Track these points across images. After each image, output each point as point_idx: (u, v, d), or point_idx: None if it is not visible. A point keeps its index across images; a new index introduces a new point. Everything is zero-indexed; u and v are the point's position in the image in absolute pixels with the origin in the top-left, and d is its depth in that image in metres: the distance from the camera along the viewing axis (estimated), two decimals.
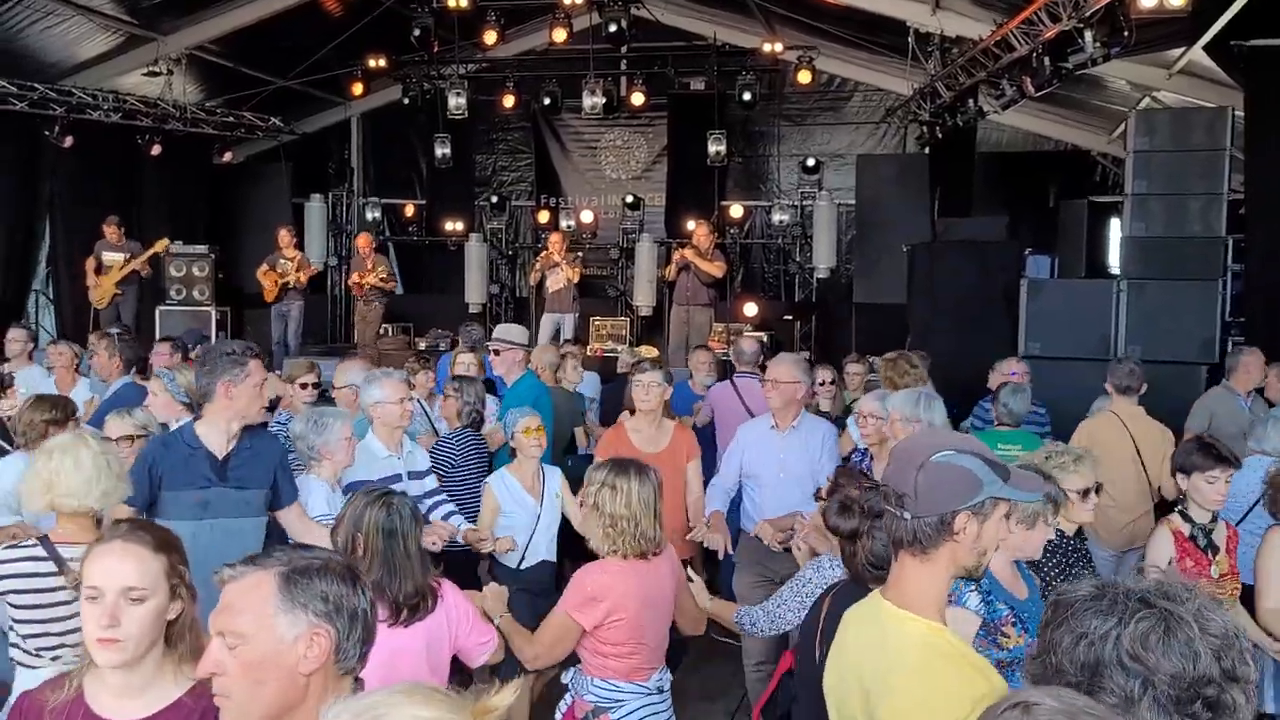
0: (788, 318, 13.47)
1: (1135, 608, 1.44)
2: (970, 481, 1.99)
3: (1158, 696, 1.38)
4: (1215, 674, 1.38)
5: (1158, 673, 1.39)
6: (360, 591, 1.77)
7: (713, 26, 14.11)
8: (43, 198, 12.70)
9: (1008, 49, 8.95)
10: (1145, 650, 1.40)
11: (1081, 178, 13.35)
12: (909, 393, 4.58)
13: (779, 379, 4.92)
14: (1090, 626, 1.44)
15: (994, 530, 2.03)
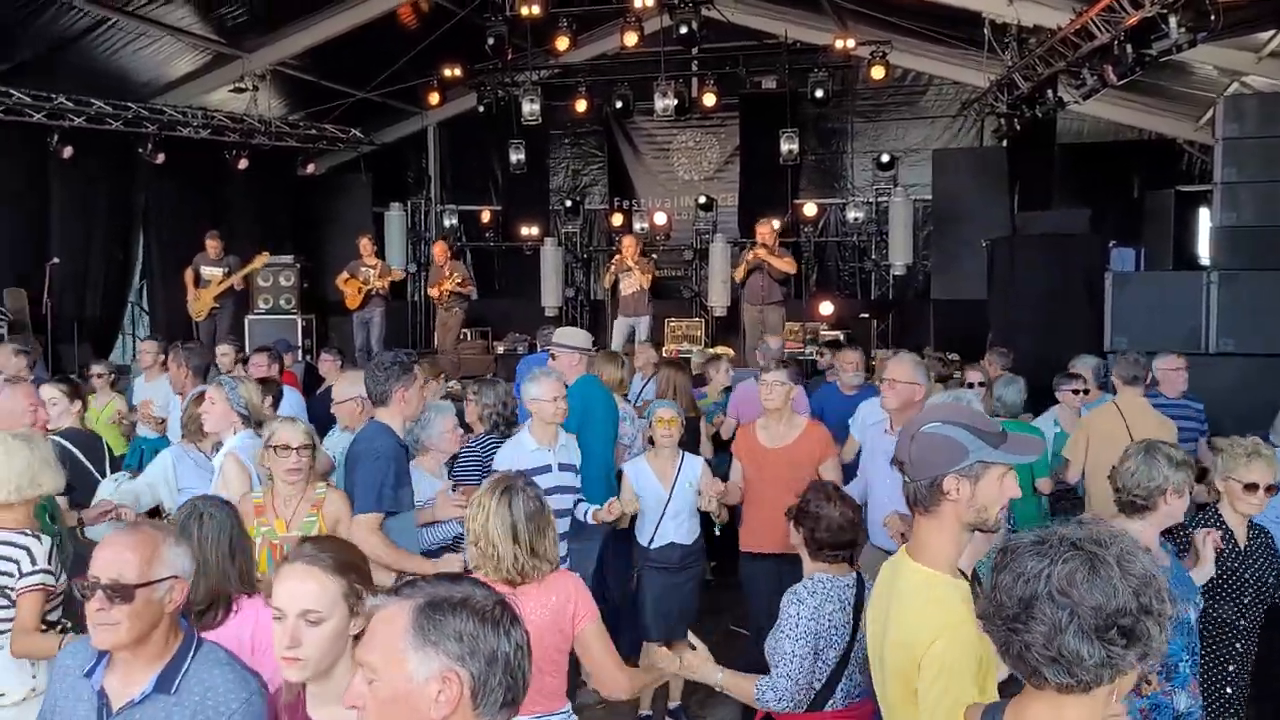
0: (864, 316, 13.38)
1: (1066, 550, 1.66)
2: (954, 448, 2.29)
3: (1081, 626, 1.61)
4: (1132, 607, 1.61)
5: (1081, 605, 1.62)
6: (504, 632, 1.60)
7: (784, 25, 14.06)
8: (137, 213, 13.21)
9: (1088, 37, 8.77)
10: (1071, 586, 1.63)
11: (1167, 167, 13.00)
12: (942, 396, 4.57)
13: (897, 378, 4.65)
14: (1027, 567, 1.68)
15: (990, 489, 2.29)
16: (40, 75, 11.32)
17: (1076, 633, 1.61)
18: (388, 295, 12.09)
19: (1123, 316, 8.19)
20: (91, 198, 12.44)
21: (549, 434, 4.83)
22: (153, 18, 11.21)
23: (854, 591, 3.44)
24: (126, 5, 10.80)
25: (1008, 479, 2.34)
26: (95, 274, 12.52)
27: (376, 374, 4.37)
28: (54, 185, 12.05)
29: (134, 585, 2.26)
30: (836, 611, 3.34)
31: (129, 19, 11.02)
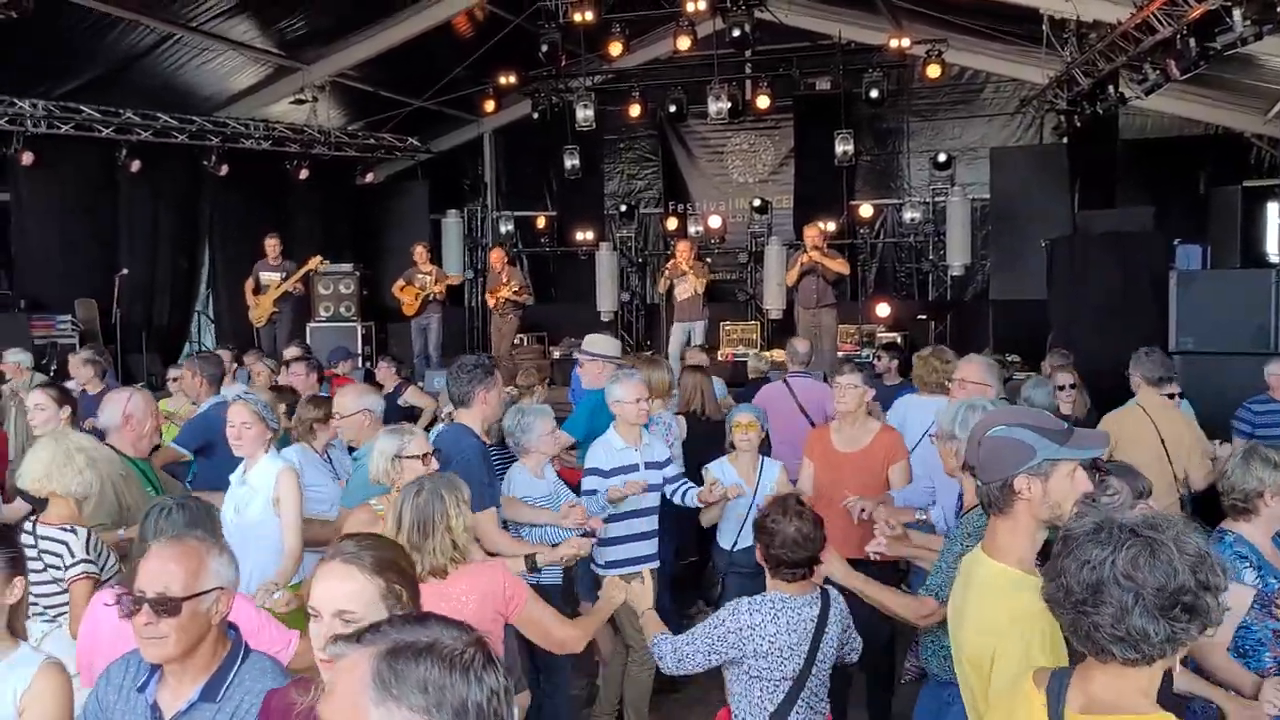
0: (922, 317, 13.23)
1: (1126, 537, 1.79)
2: (1022, 449, 2.38)
3: (1146, 606, 1.74)
4: (1191, 584, 1.74)
5: (1145, 587, 1.74)
6: (475, 679, 1.40)
7: (837, 25, 13.96)
8: (202, 224, 13.55)
9: (1149, 31, 8.60)
10: (1135, 570, 1.75)
11: (1234, 162, 12.67)
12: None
13: (967, 379, 4.57)
14: (1091, 554, 1.80)
15: (1061, 486, 2.37)
16: (108, 91, 11.67)
17: (1143, 613, 1.74)
18: (444, 301, 12.24)
19: (1188, 316, 8.04)
20: (158, 210, 12.79)
21: (634, 434, 4.99)
22: (216, 33, 11.48)
23: (814, 611, 3.29)
24: (190, 21, 11.07)
25: (1079, 474, 2.41)
26: (162, 284, 12.87)
27: (460, 376, 4.51)
28: (122, 198, 12.42)
29: (180, 598, 2.26)
30: (782, 634, 3.19)
31: (193, 34, 11.29)
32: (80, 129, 11.60)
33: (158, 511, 3.07)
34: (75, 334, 11.01)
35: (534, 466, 4.85)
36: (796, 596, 3.27)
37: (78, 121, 11.53)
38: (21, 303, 11.28)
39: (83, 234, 12.01)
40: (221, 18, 11.22)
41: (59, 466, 3.67)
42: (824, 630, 3.26)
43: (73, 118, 11.47)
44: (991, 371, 4.60)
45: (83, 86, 11.57)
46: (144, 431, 4.53)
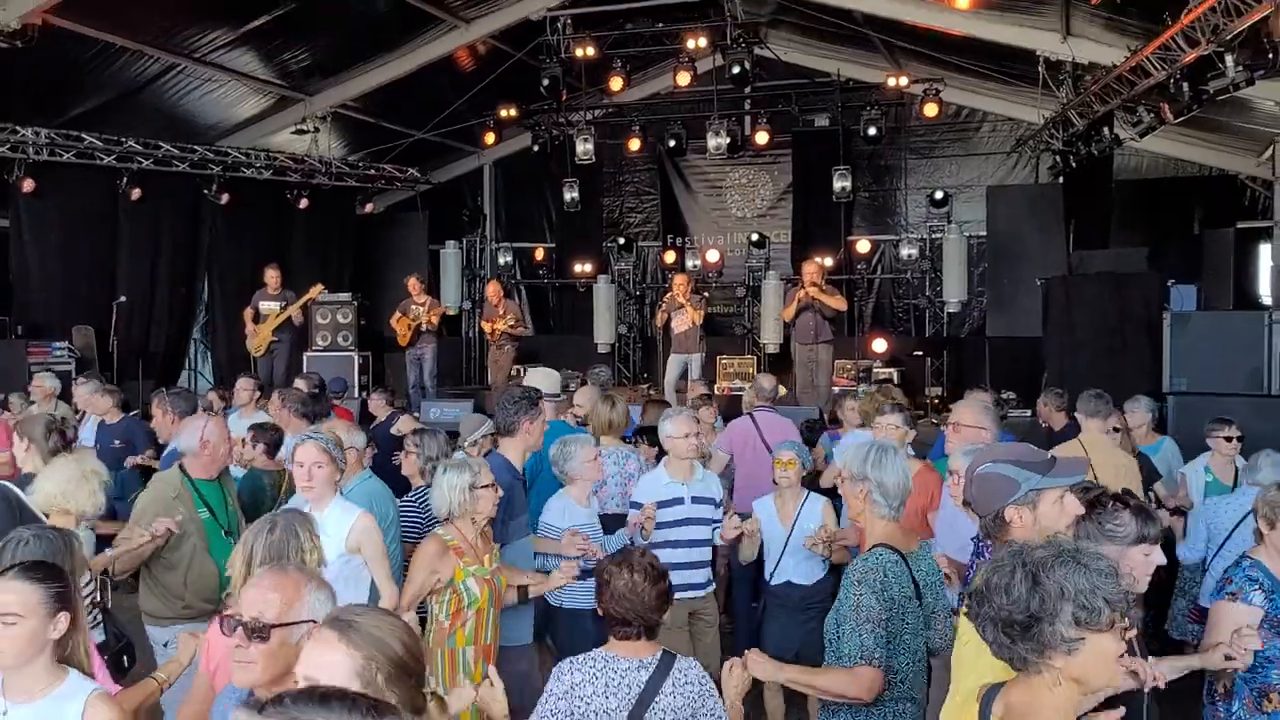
0: (918, 353, 13.25)
1: (1016, 565, 2.06)
2: (1007, 483, 2.63)
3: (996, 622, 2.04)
4: (1024, 616, 2.01)
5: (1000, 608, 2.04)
6: None
7: (836, 63, 14.12)
8: (201, 252, 13.58)
9: (1143, 75, 8.68)
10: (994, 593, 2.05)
11: (1228, 203, 12.74)
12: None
13: (961, 422, 4.40)
14: (989, 576, 2.09)
15: (1050, 512, 2.62)
16: (110, 120, 11.75)
17: (993, 628, 2.05)
18: (438, 331, 12.25)
19: (1182, 357, 8.07)
20: (158, 238, 12.85)
21: (684, 469, 5.11)
22: (220, 63, 11.58)
23: (642, 676, 2.93)
24: (195, 52, 11.17)
25: (1067, 500, 2.64)
26: (160, 312, 12.89)
27: (506, 406, 4.67)
28: (122, 226, 12.48)
29: (270, 625, 2.29)
30: (599, 696, 2.90)
31: (197, 65, 11.40)
32: (82, 157, 11.67)
33: (14, 543, 3.12)
34: (71, 361, 11.01)
35: (578, 495, 4.96)
36: (625, 658, 2.97)
37: (79, 149, 11.60)
38: (19, 329, 11.29)
39: (82, 261, 12.05)
40: (225, 49, 11.33)
41: (75, 486, 3.91)
42: (653, 698, 2.91)
43: (75, 145, 11.55)
44: (988, 414, 4.47)
45: (85, 115, 11.66)
46: (218, 456, 4.73)
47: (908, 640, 3.11)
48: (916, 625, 3.16)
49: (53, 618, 2.67)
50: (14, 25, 9.04)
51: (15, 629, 2.60)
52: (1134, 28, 9.21)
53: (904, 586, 3.10)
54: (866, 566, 3.10)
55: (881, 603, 3.02)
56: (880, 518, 3.22)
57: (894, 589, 3.06)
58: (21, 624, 2.61)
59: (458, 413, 10.38)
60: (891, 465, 3.21)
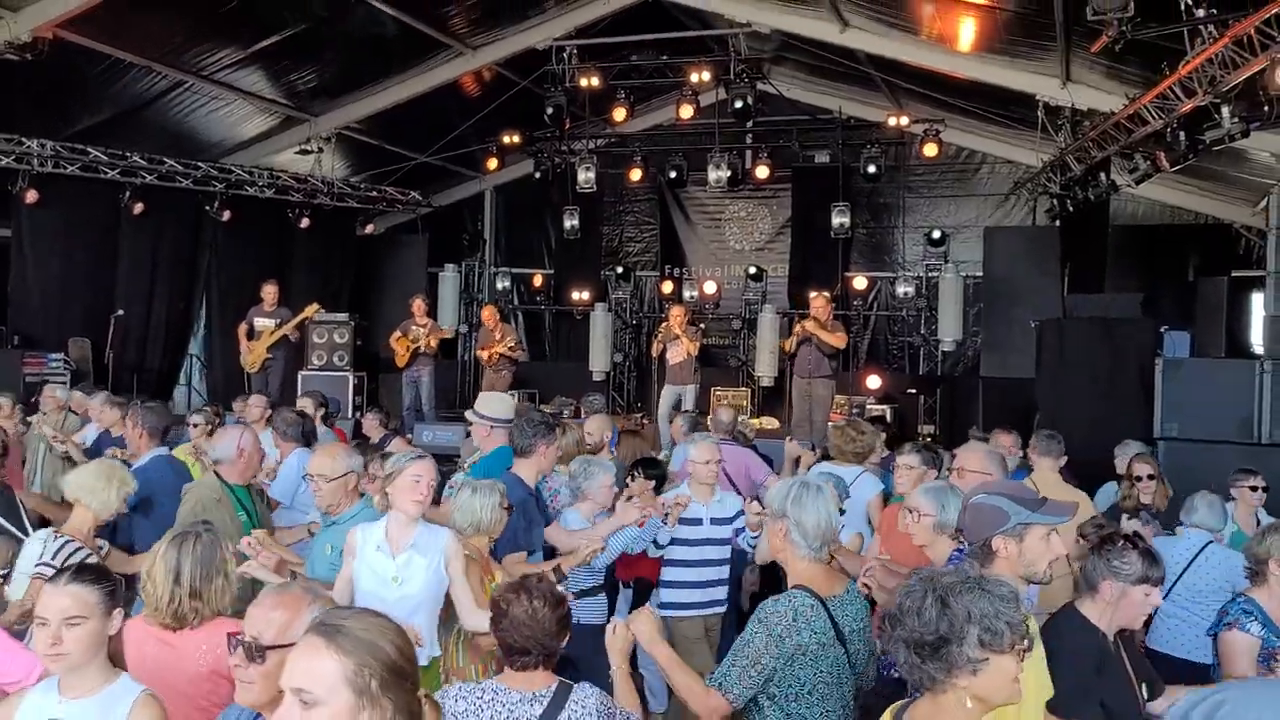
0: (911, 391, 13.30)
1: (926, 590, 2.19)
2: (998, 514, 2.79)
3: (907, 643, 2.15)
4: (934, 637, 2.13)
5: (911, 629, 2.16)
6: None
7: (838, 100, 14.25)
8: (200, 269, 13.61)
9: (1141, 123, 8.79)
10: (905, 616, 2.17)
11: (1222, 252, 12.85)
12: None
13: (966, 467, 4.34)
14: (901, 599, 2.23)
15: (1035, 546, 2.76)
16: (116, 134, 11.82)
17: (904, 648, 2.17)
18: (436, 354, 12.27)
19: (1173, 403, 8.11)
20: (158, 253, 12.88)
21: (704, 491, 5.38)
22: (226, 82, 11.67)
23: (533, 710, 2.79)
24: (202, 70, 11.26)
25: (1053, 538, 2.77)
26: (157, 327, 12.89)
27: (525, 428, 4.97)
28: (123, 240, 12.50)
29: (267, 646, 2.32)
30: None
31: (204, 82, 11.48)
32: (86, 170, 11.73)
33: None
34: (67, 373, 11.00)
35: (588, 512, 5.18)
36: (517, 690, 2.84)
37: (84, 163, 11.66)
38: (15, 339, 11.29)
39: (81, 274, 12.07)
40: (233, 68, 11.42)
41: (100, 483, 4.28)
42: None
43: (79, 158, 11.60)
44: (993, 459, 4.41)
45: (91, 128, 11.73)
46: (252, 464, 5.03)
47: (825, 689, 3.00)
48: (839, 671, 3.05)
49: (109, 616, 2.82)
50: (25, 38, 9.13)
51: (79, 629, 2.73)
52: (1133, 76, 9.33)
53: (820, 632, 3.00)
54: (774, 609, 3.02)
55: (774, 648, 2.94)
56: (799, 558, 3.12)
57: (802, 635, 2.96)
58: (85, 624, 2.75)
59: (450, 436, 10.40)
60: (812, 504, 3.12)
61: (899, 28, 10.95)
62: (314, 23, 10.88)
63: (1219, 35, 6.88)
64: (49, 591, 2.82)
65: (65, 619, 2.72)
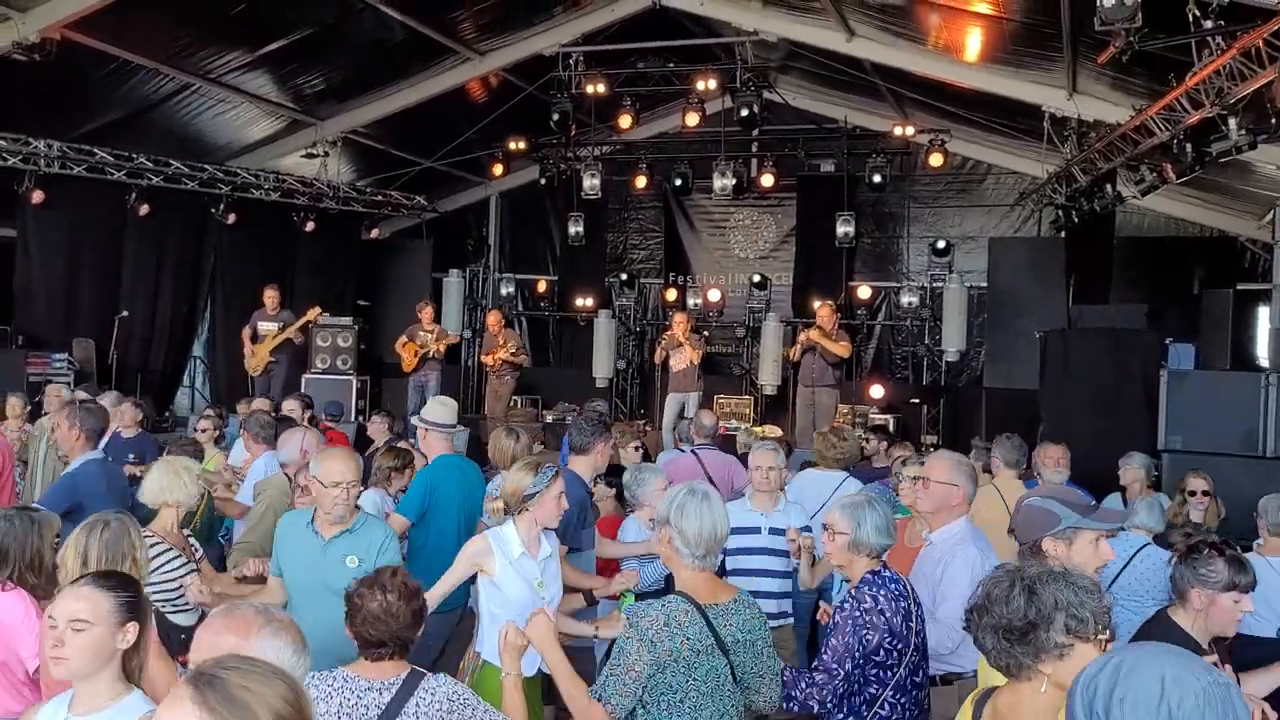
0: (915, 400, 13.27)
1: (1014, 579, 2.33)
2: (1049, 517, 2.91)
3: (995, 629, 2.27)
4: (1023, 622, 2.24)
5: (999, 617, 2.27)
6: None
7: (843, 110, 14.27)
8: (205, 271, 13.61)
9: (1147, 134, 8.78)
10: (993, 604, 2.29)
11: (1227, 264, 12.83)
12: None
13: (931, 477, 4.09)
14: (985, 588, 2.36)
15: (1083, 550, 2.88)
16: (122, 135, 11.84)
17: (992, 634, 2.28)
18: (443, 359, 12.27)
19: (1178, 415, 8.08)
20: (162, 255, 12.88)
21: (764, 500, 5.35)
22: (234, 85, 11.70)
23: (381, 698, 2.84)
24: (210, 73, 11.28)
25: (1101, 543, 2.90)
26: (161, 329, 12.89)
27: (583, 427, 5.25)
28: (128, 242, 12.50)
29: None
30: (332, 715, 2.82)
31: (211, 85, 11.51)
32: (92, 171, 11.74)
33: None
34: (70, 373, 11.00)
35: (645, 519, 5.23)
36: (366, 679, 2.88)
37: (90, 164, 11.68)
38: (19, 339, 11.30)
39: (86, 275, 12.08)
40: (240, 71, 11.44)
41: (170, 479, 4.48)
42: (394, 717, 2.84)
43: (86, 159, 11.62)
44: (961, 469, 4.12)
45: (98, 129, 11.75)
46: None
47: (699, 698, 2.95)
48: (716, 683, 2.98)
49: (121, 627, 2.66)
50: (33, 39, 9.16)
51: (84, 635, 2.61)
52: (1139, 88, 9.33)
53: (696, 640, 2.96)
54: (647, 613, 3.00)
55: (649, 654, 2.91)
56: (684, 566, 3.10)
57: (674, 641, 2.93)
58: (90, 631, 2.61)
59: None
60: (695, 512, 3.07)
61: (905, 37, 10.96)
62: (321, 27, 10.90)
63: (1227, 47, 6.88)
64: (65, 592, 2.74)
65: (71, 621, 2.60)
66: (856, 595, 3.32)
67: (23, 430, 7.83)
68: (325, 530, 4.04)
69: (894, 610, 3.28)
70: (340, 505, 4.03)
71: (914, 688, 3.34)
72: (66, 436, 5.41)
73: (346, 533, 4.05)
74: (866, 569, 3.41)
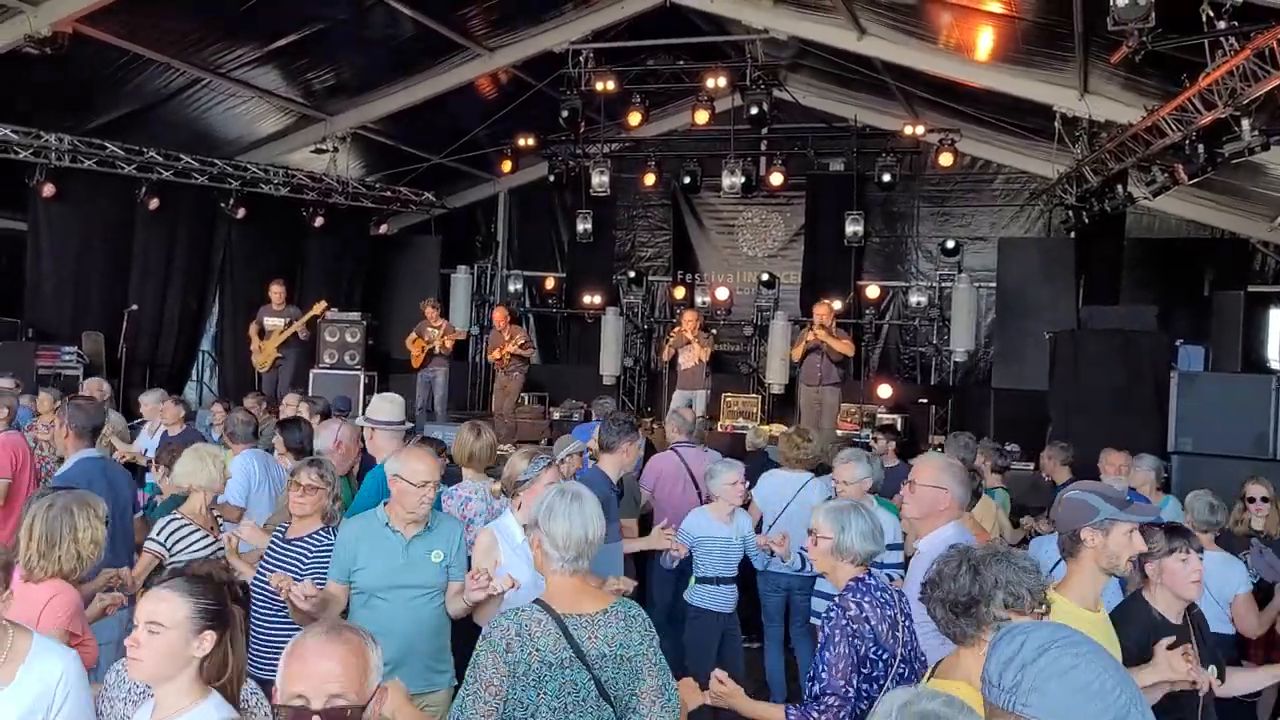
0: (922, 401, 13.25)
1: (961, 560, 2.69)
2: (1087, 508, 3.07)
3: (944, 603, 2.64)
4: (967, 597, 2.61)
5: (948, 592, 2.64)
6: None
7: (853, 109, 14.24)
8: (214, 265, 13.64)
9: (1159, 135, 8.73)
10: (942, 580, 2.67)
11: (1239, 266, 12.79)
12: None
13: (917, 481, 3.88)
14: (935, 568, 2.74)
15: (1118, 540, 3.04)
16: (133, 129, 11.88)
17: (940, 607, 2.64)
18: (450, 355, 12.27)
19: (1188, 417, 8.06)
20: (172, 249, 12.91)
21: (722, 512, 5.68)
22: (244, 79, 11.71)
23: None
24: (220, 67, 11.30)
25: (1136, 535, 3.05)
26: (170, 323, 12.93)
27: (612, 427, 5.44)
28: (137, 235, 12.54)
29: (319, 711, 2.03)
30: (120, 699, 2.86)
31: (221, 80, 11.52)
32: (103, 165, 11.77)
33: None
34: (80, 366, 11.04)
35: (718, 512, 5.59)
36: None
37: (101, 157, 11.70)
38: (29, 331, 11.33)
39: (96, 268, 12.11)
40: (251, 66, 11.45)
41: (197, 464, 4.67)
42: None
43: (97, 153, 11.65)
44: (950, 473, 3.88)
45: (109, 123, 11.78)
46: (350, 455, 5.61)
47: (552, 713, 2.76)
48: (576, 697, 2.80)
49: (198, 634, 2.58)
50: (45, 32, 9.17)
51: (158, 639, 2.54)
52: (1151, 88, 9.29)
53: (548, 651, 2.78)
54: (498, 623, 2.85)
55: (500, 665, 2.74)
56: (554, 571, 2.95)
57: (525, 651, 2.77)
58: (163, 635, 2.54)
59: None
60: (563, 514, 2.94)
61: (917, 36, 10.92)
62: (332, 22, 10.90)
63: (1240, 47, 6.84)
64: (148, 593, 2.69)
65: (148, 623, 2.55)
66: (841, 604, 3.23)
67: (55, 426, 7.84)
68: (406, 529, 3.95)
69: (879, 618, 3.20)
70: (425, 504, 3.96)
71: None
72: (56, 435, 5.27)
73: (426, 530, 3.99)
74: (851, 576, 3.33)
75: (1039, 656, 1.65)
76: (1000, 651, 1.72)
